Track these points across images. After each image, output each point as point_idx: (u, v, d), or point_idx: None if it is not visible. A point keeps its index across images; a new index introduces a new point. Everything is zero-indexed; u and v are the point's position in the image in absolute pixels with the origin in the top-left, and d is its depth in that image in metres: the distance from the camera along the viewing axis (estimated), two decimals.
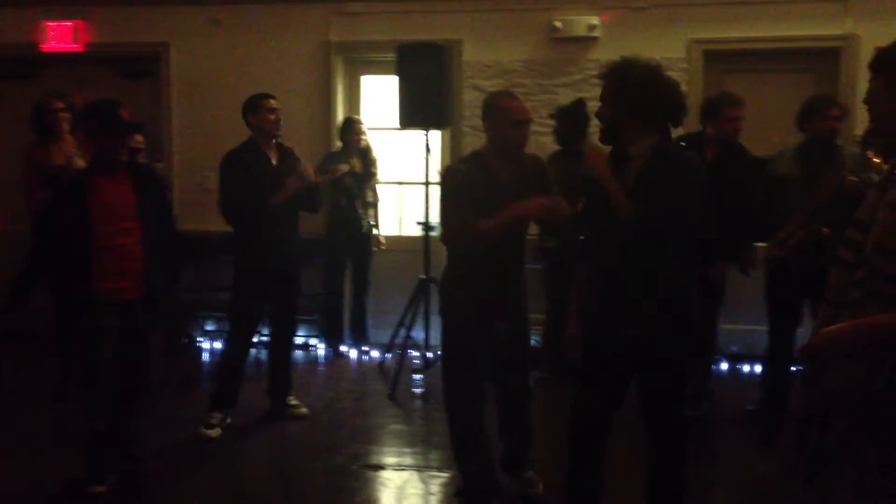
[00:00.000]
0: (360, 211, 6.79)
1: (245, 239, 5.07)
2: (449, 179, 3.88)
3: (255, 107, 5.06)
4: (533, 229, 4.24)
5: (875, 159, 4.72)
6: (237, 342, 5.18)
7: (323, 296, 6.97)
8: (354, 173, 6.71)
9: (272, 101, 5.08)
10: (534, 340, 6.68)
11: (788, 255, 4.67)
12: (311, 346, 7.11)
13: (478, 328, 3.78)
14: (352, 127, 6.75)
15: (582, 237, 3.53)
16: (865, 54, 6.19)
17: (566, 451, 3.48)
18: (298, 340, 7.09)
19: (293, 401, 5.34)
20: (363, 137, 6.79)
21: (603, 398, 3.39)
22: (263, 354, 5.98)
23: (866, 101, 2.47)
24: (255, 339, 5.42)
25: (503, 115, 3.70)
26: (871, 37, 6.21)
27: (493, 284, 3.77)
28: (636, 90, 3.13)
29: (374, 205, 6.98)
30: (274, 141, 5.12)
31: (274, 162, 5.10)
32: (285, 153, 5.17)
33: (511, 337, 3.87)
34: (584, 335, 3.41)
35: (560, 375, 6.15)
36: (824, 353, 2.15)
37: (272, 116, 5.05)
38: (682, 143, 3.90)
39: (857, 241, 2.37)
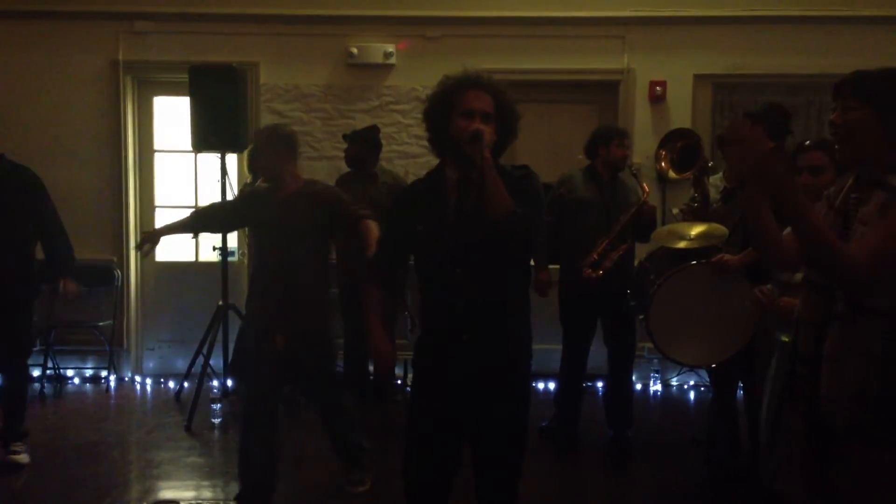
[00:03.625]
0: None
1: None
2: None
3: None
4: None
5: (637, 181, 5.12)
6: None
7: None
8: None
9: None
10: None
11: (604, 275, 4.87)
12: (102, 378, 6.78)
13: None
14: None
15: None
16: (640, 87, 6.71)
17: None
18: (88, 372, 6.83)
19: (17, 446, 4.92)
20: None
21: None
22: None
23: (839, 127, 2.32)
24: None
25: None
26: (644, 71, 6.71)
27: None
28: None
29: None
30: None
31: None
32: (8, 170, 4.82)
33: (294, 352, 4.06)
34: None
35: (365, 397, 6.18)
36: None
37: None
38: None
39: None
